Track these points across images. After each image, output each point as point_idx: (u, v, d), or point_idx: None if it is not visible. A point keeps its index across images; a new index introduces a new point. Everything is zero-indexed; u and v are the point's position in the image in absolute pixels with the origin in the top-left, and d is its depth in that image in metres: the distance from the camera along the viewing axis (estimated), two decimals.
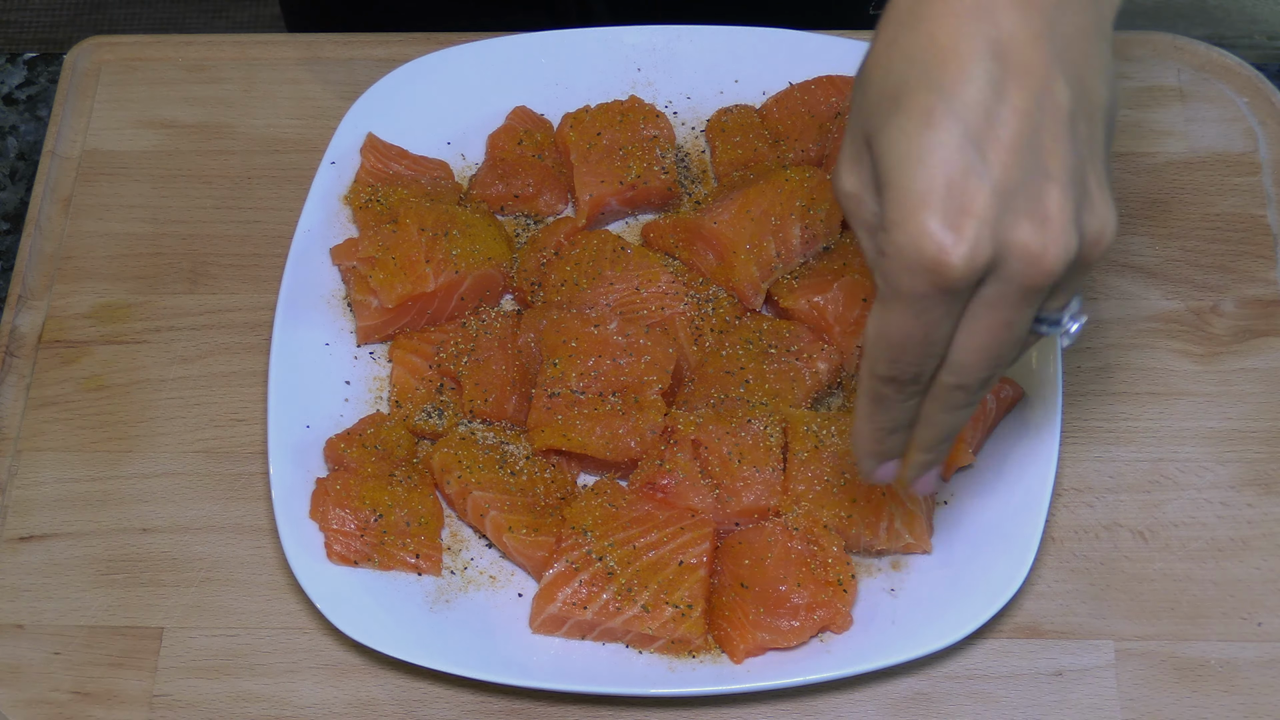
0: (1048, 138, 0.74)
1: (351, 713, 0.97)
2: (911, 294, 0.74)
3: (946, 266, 0.73)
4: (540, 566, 0.97)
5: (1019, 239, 0.74)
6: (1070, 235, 0.74)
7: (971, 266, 0.73)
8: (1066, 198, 0.74)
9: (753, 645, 0.94)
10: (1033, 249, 0.74)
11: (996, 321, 0.76)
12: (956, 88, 0.74)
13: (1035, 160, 0.74)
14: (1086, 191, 0.76)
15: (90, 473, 1.04)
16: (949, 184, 0.73)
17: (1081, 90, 0.76)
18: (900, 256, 0.74)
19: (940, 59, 0.74)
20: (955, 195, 0.73)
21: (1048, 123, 0.74)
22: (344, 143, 1.11)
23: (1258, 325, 1.07)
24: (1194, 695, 0.96)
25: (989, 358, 0.78)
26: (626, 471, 1.00)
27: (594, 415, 0.99)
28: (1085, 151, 0.76)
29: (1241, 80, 1.16)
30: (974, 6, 0.74)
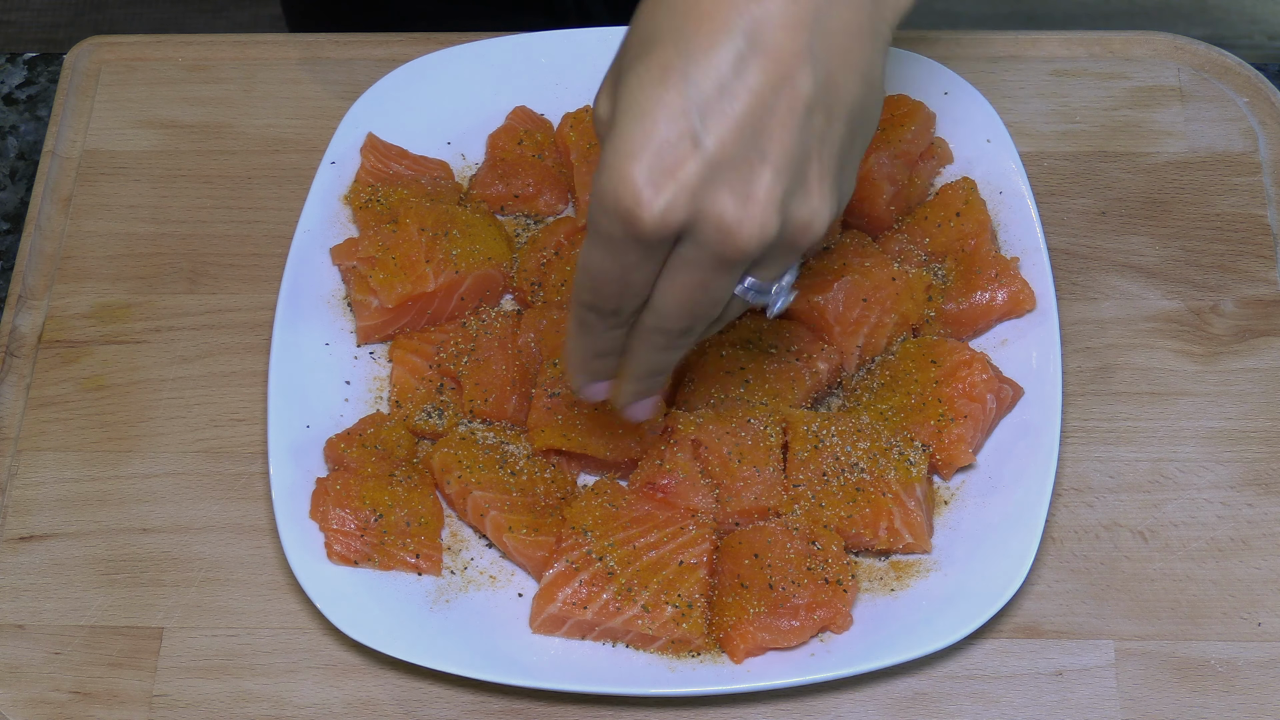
0: (775, 122, 0.77)
1: (351, 713, 0.97)
2: (607, 235, 0.78)
3: (637, 219, 0.76)
4: (540, 566, 0.97)
5: (715, 210, 0.77)
6: (770, 217, 0.77)
7: (662, 224, 0.76)
8: (777, 182, 0.77)
9: (753, 645, 0.94)
10: (728, 222, 0.77)
11: (692, 280, 0.80)
12: (700, 54, 0.76)
13: (755, 141, 0.76)
14: (804, 180, 0.78)
15: (90, 473, 1.04)
16: (663, 143, 0.76)
17: (829, 84, 0.78)
18: (601, 198, 0.77)
19: (696, 21, 0.76)
20: (665, 154, 0.76)
21: (780, 108, 0.77)
22: (344, 143, 1.11)
23: (1258, 325, 1.07)
24: (1194, 695, 0.96)
25: (685, 311, 0.81)
26: (626, 472, 1.00)
27: (594, 415, 0.98)
28: (814, 143, 0.78)
29: (1241, 80, 1.16)
30: None
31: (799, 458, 0.98)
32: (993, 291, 1.04)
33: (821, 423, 0.99)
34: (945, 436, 0.99)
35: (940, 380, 1.00)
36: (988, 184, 1.09)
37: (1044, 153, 1.14)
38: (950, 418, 0.99)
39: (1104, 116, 1.15)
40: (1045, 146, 1.14)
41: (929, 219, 1.06)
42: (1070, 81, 1.17)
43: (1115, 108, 1.16)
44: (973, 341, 1.05)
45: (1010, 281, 1.03)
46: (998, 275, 1.04)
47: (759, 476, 0.97)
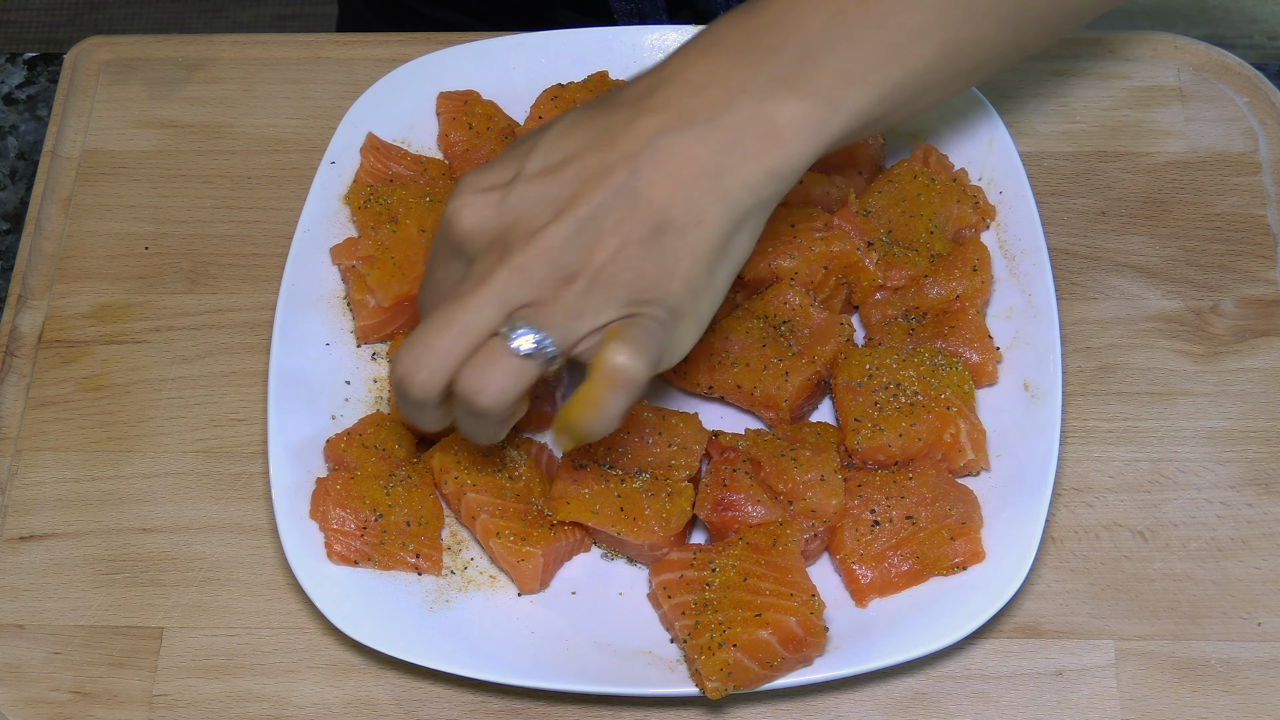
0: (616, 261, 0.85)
1: (351, 713, 0.97)
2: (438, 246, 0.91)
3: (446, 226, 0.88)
4: (523, 576, 0.97)
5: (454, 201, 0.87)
6: (489, 208, 0.86)
7: (447, 223, 0.88)
8: (517, 184, 0.86)
9: (885, 581, 0.96)
10: (451, 207, 0.87)
11: (453, 293, 0.88)
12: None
13: (553, 191, 0.86)
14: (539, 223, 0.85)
15: (90, 473, 1.04)
16: (497, 176, 0.88)
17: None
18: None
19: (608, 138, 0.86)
20: (491, 179, 0.87)
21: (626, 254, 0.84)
22: (344, 143, 1.11)
23: (1258, 325, 1.07)
24: (1194, 695, 0.96)
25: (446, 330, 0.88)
26: (648, 556, 0.99)
27: (623, 493, 0.97)
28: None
29: (1241, 80, 1.16)
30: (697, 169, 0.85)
31: (854, 385, 0.99)
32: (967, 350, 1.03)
33: (871, 356, 1.00)
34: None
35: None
36: (988, 184, 1.09)
37: (1044, 153, 1.14)
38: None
39: (1104, 116, 1.15)
40: (1045, 146, 1.14)
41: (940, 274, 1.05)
42: (1070, 81, 1.17)
43: (1115, 108, 1.16)
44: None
45: (983, 349, 1.03)
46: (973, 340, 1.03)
47: (822, 483, 0.97)
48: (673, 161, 0.84)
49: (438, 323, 0.86)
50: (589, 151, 0.85)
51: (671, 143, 0.84)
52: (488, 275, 0.85)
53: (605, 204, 0.84)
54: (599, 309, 0.85)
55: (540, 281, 0.84)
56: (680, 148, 0.85)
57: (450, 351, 0.85)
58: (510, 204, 0.85)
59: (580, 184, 0.85)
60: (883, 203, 1.08)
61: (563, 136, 0.87)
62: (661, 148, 0.84)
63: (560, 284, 0.85)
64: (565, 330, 0.85)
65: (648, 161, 0.84)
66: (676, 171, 0.84)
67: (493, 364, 0.85)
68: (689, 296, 0.86)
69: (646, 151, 0.84)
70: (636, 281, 0.85)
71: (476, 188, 0.87)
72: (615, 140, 0.85)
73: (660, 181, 0.84)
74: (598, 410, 0.85)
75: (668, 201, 0.84)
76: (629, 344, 0.84)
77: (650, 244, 0.84)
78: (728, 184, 0.85)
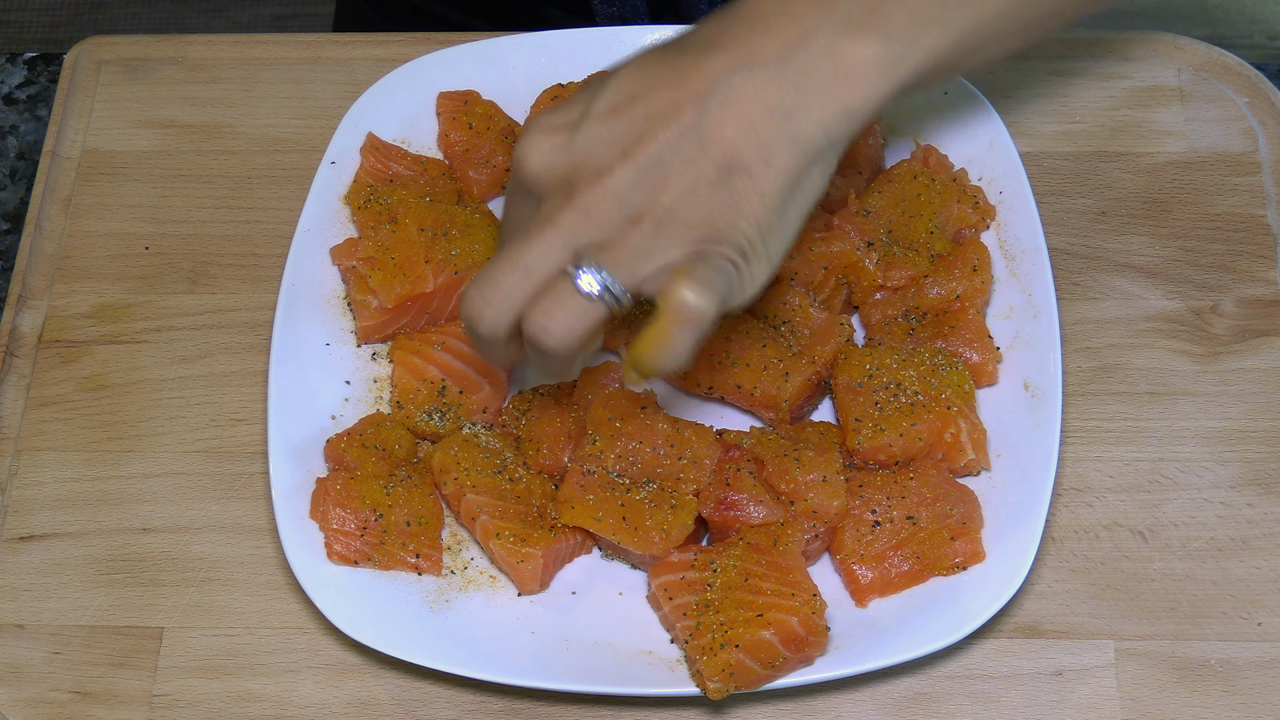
0: (686, 196, 0.84)
1: (351, 713, 0.97)
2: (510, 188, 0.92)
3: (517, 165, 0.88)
4: (522, 577, 0.97)
5: (525, 143, 0.87)
6: (558, 150, 0.85)
7: (518, 164, 0.88)
8: (585, 127, 0.85)
9: (886, 581, 0.96)
10: (520, 149, 0.87)
11: (525, 227, 0.88)
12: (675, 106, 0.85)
13: (623, 130, 0.85)
14: (610, 165, 0.84)
15: (90, 473, 1.04)
16: (565, 116, 0.87)
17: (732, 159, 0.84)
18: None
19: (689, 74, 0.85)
20: (558, 120, 0.86)
21: (706, 189, 0.84)
22: (344, 143, 1.11)
23: (1258, 325, 1.07)
24: (1194, 695, 0.96)
25: (518, 270, 0.88)
26: (644, 561, 0.99)
27: (627, 502, 0.97)
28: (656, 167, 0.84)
29: (1241, 80, 1.16)
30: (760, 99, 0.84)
31: (855, 385, 0.99)
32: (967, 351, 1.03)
33: (871, 356, 1.00)
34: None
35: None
36: (988, 184, 1.09)
37: (1044, 153, 1.14)
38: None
39: (1104, 116, 1.15)
40: (1045, 146, 1.14)
41: (940, 274, 1.05)
42: (1070, 81, 1.17)
43: (1115, 108, 1.16)
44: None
45: (983, 349, 1.03)
46: (973, 339, 1.03)
47: (824, 483, 0.97)
48: (742, 100, 0.83)
49: (505, 261, 0.86)
50: (657, 90, 0.84)
51: (741, 81, 0.83)
52: (554, 215, 0.85)
53: (673, 144, 0.84)
54: (666, 249, 0.84)
55: (607, 222, 0.84)
56: (750, 86, 0.83)
57: (516, 290, 0.85)
58: (577, 144, 0.85)
59: (647, 123, 0.84)
60: (883, 203, 1.08)
61: (631, 76, 0.86)
62: (731, 86, 0.83)
63: (627, 224, 0.84)
64: (632, 270, 0.84)
65: (716, 100, 0.83)
66: (746, 111, 0.83)
67: (559, 304, 0.85)
68: (758, 236, 0.85)
69: (716, 90, 0.83)
70: (704, 222, 0.84)
71: (544, 128, 0.86)
72: (684, 79, 0.84)
73: (729, 121, 0.83)
74: (666, 347, 0.84)
75: (737, 141, 0.83)
76: (697, 281, 0.83)
77: (718, 184, 0.84)
78: (799, 123, 0.84)
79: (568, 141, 0.85)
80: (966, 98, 1.11)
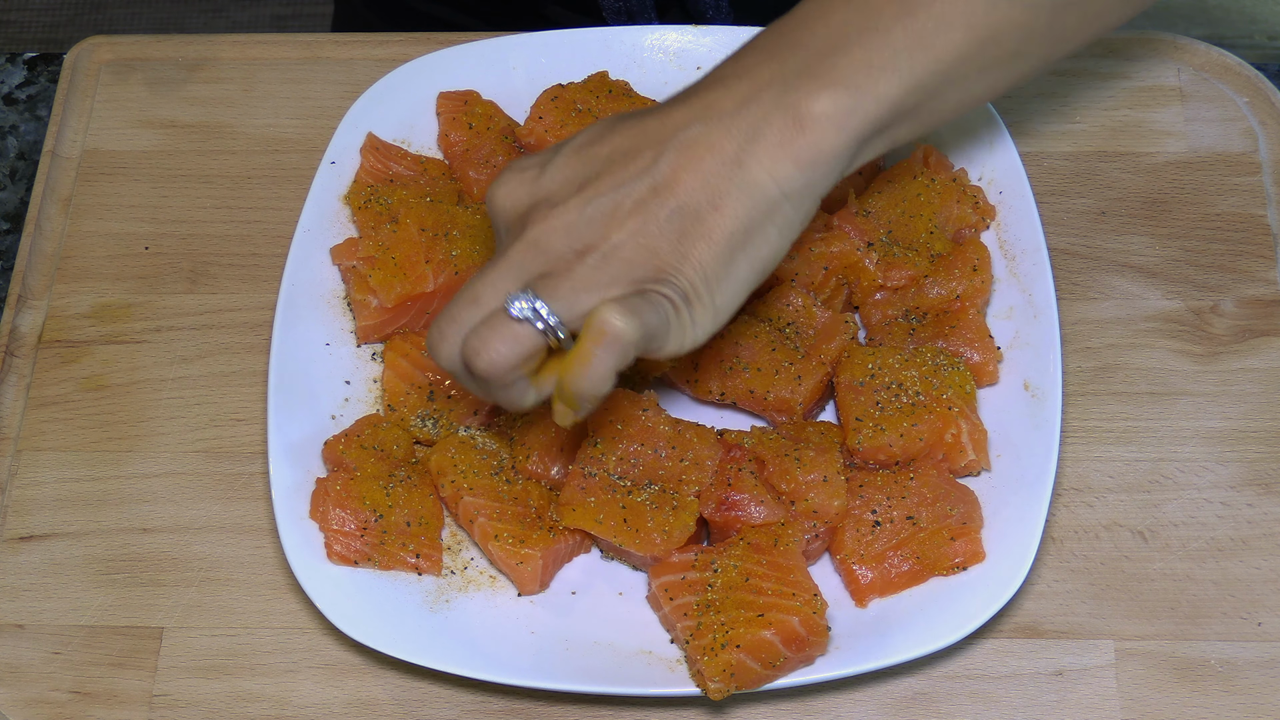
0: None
1: (351, 713, 0.97)
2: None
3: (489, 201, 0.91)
4: (522, 578, 0.97)
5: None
6: (520, 189, 0.89)
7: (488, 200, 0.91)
8: (554, 180, 0.88)
9: (885, 582, 0.96)
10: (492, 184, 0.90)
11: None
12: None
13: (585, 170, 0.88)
14: (576, 208, 0.87)
15: (90, 473, 1.04)
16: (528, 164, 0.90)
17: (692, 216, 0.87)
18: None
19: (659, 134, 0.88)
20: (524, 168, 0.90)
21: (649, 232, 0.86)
22: (344, 143, 1.11)
23: (1258, 325, 1.07)
24: (1194, 695, 0.96)
25: (467, 301, 0.90)
26: (644, 562, 0.99)
27: (629, 504, 0.96)
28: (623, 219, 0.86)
29: (1241, 80, 1.16)
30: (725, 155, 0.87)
31: (857, 385, 0.99)
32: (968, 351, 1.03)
33: (873, 356, 1.00)
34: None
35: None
36: (988, 184, 1.09)
37: (1044, 153, 1.14)
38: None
39: (1104, 116, 1.15)
40: (1045, 146, 1.14)
41: (940, 273, 1.05)
42: (1070, 81, 1.17)
43: (1115, 108, 1.16)
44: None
45: (984, 349, 1.03)
46: (975, 340, 1.03)
47: (825, 483, 0.97)
48: (696, 148, 0.86)
49: (461, 296, 0.88)
50: (621, 137, 0.88)
51: (697, 132, 0.87)
52: (508, 249, 0.88)
53: (628, 184, 0.86)
54: (608, 283, 0.86)
55: (555, 253, 0.86)
56: (704, 136, 0.86)
57: (467, 321, 0.88)
58: (540, 183, 0.88)
59: (606, 164, 0.87)
60: (883, 203, 1.08)
61: (602, 129, 0.89)
62: (687, 136, 0.87)
63: (574, 257, 0.86)
64: (571, 302, 0.86)
65: (672, 148, 0.86)
66: (699, 158, 0.86)
67: (492, 329, 0.86)
68: (702, 282, 0.87)
69: (673, 139, 0.87)
70: (649, 261, 0.86)
71: (515, 168, 0.90)
72: (646, 130, 0.88)
73: (683, 167, 0.86)
74: (585, 368, 0.86)
75: (688, 186, 0.86)
76: (622, 305, 0.85)
77: (667, 226, 0.86)
78: (749, 171, 0.86)
79: (533, 180, 0.89)
80: None
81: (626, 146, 0.88)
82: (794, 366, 1.01)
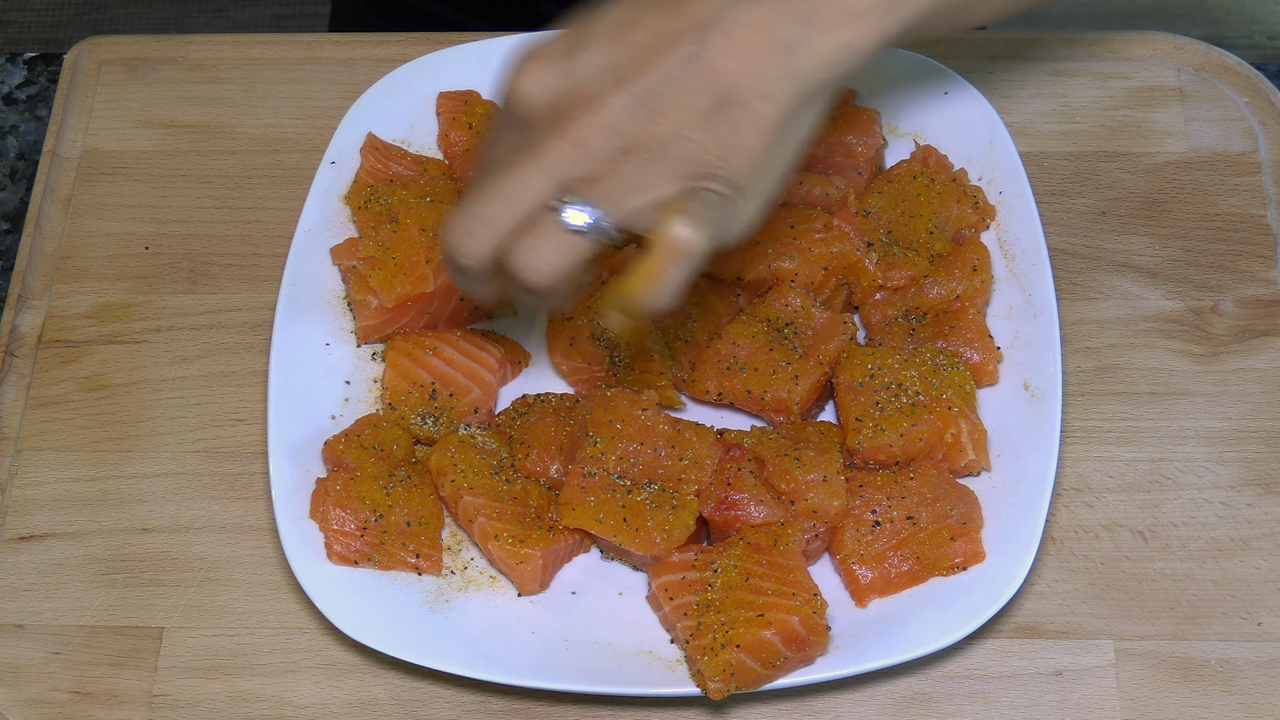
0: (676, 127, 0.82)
1: (351, 713, 0.97)
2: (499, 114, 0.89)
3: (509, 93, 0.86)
4: (521, 577, 0.97)
5: (518, 69, 0.84)
6: (550, 79, 0.83)
7: (508, 91, 0.85)
8: (582, 62, 0.82)
9: (885, 581, 0.96)
10: (512, 76, 0.84)
11: (509, 163, 0.85)
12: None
13: (619, 62, 0.82)
14: (608, 92, 0.82)
15: (90, 473, 1.04)
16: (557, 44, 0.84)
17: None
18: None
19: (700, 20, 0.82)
20: (552, 49, 0.84)
21: (690, 118, 0.82)
22: (344, 143, 1.11)
23: (1258, 325, 1.07)
24: (1194, 695, 0.96)
25: (503, 201, 0.86)
26: (644, 562, 0.99)
27: (628, 503, 0.96)
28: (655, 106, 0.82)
29: (1241, 80, 1.16)
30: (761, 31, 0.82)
31: (856, 385, 0.99)
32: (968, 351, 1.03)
33: (873, 356, 1.00)
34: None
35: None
36: (988, 184, 1.09)
37: (1044, 153, 1.14)
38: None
39: (1104, 116, 1.15)
40: (1045, 146, 1.14)
41: (940, 274, 1.05)
42: (1070, 81, 1.17)
43: (1115, 108, 1.16)
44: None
45: (983, 349, 1.03)
46: (974, 340, 1.03)
47: (825, 482, 0.97)
48: (743, 32, 0.82)
49: (488, 191, 0.84)
50: (656, 18, 0.82)
51: (743, 13, 0.82)
52: (543, 145, 0.83)
53: (669, 74, 0.81)
54: (657, 183, 0.83)
55: (597, 153, 0.82)
56: (752, 18, 0.82)
57: (500, 220, 0.84)
58: (572, 71, 0.82)
59: (644, 52, 0.82)
60: (883, 203, 1.08)
61: (631, 6, 0.83)
62: (732, 17, 0.82)
63: (618, 156, 0.82)
64: (621, 204, 0.83)
65: (716, 31, 0.81)
66: (747, 42, 0.82)
67: (544, 240, 0.83)
68: (751, 172, 0.84)
69: (716, 20, 0.82)
70: (697, 155, 0.82)
71: (539, 55, 0.83)
72: (683, 8, 0.82)
73: (729, 52, 0.81)
74: (657, 283, 0.83)
75: (736, 74, 0.82)
76: (690, 216, 0.82)
77: (714, 117, 0.82)
78: (800, 58, 0.83)
79: (564, 68, 0.83)
80: (967, 98, 1.11)
81: (665, 30, 0.82)
82: (791, 366, 1.01)
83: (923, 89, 1.12)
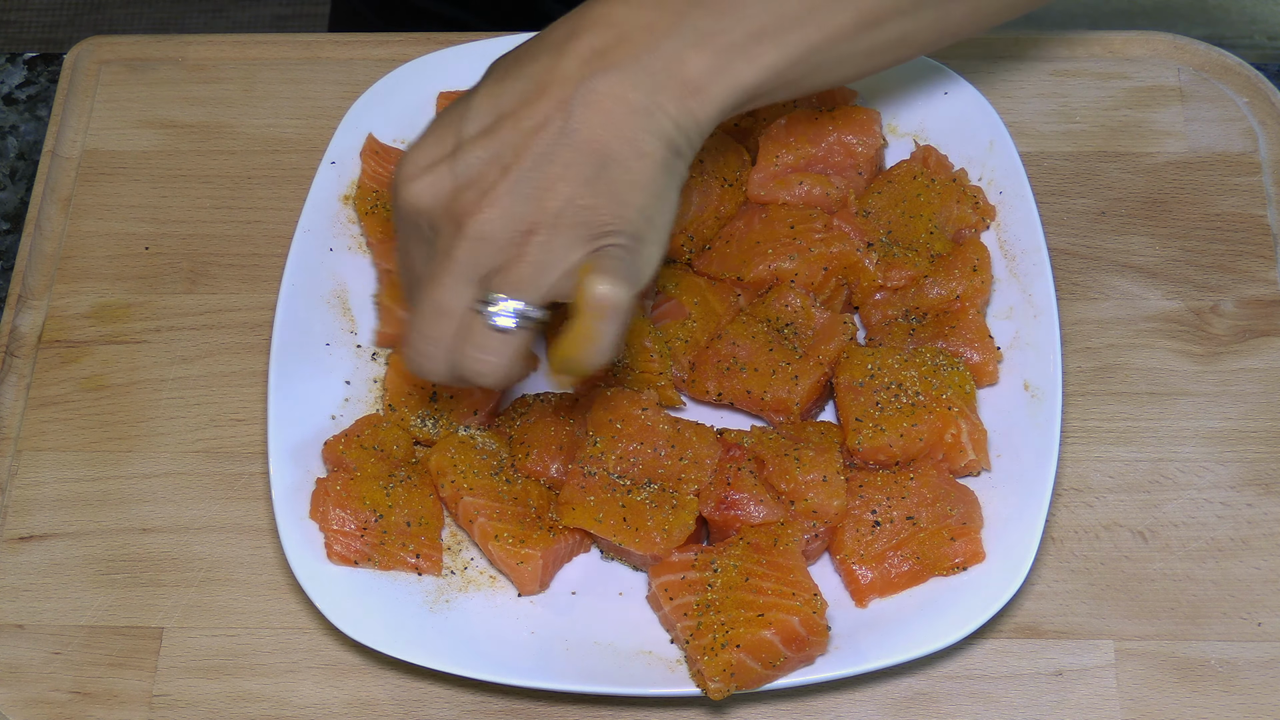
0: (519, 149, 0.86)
1: (351, 713, 0.97)
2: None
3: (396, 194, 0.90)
4: (522, 578, 0.97)
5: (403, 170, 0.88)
6: (439, 182, 0.86)
7: (397, 198, 0.89)
8: (463, 158, 0.86)
9: (885, 581, 0.96)
10: (399, 176, 0.88)
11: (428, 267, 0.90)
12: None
13: (499, 155, 0.86)
14: (494, 185, 0.86)
15: (90, 473, 1.04)
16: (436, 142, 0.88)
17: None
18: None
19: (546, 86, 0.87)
20: (434, 150, 0.88)
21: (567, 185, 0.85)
22: (344, 143, 1.11)
23: (1258, 325, 1.07)
24: (1194, 695, 0.96)
25: (430, 310, 0.89)
26: (644, 562, 0.99)
27: (628, 503, 0.96)
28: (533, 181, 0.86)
29: (1241, 80, 1.16)
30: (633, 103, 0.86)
31: (856, 385, 0.99)
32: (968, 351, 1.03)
33: (873, 356, 1.00)
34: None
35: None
36: (988, 184, 1.09)
37: (1044, 153, 1.14)
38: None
39: (1104, 116, 1.15)
40: (1045, 146, 1.14)
41: (940, 273, 1.05)
42: (1070, 81, 1.17)
43: (1115, 108, 1.16)
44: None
45: (983, 349, 1.03)
46: (974, 340, 1.03)
47: (824, 482, 0.97)
48: (602, 101, 0.86)
49: (423, 309, 0.88)
50: (521, 105, 0.87)
51: (599, 85, 0.86)
52: (451, 249, 0.87)
53: (547, 152, 0.86)
54: (564, 253, 0.86)
55: (502, 243, 0.86)
56: (609, 88, 0.86)
57: (441, 335, 0.88)
58: (457, 172, 0.87)
59: (520, 137, 0.86)
60: (883, 203, 1.08)
61: (492, 95, 0.88)
62: (589, 90, 0.86)
63: (522, 239, 0.86)
64: (539, 284, 0.87)
65: (579, 106, 0.86)
66: (608, 110, 0.86)
67: (483, 347, 0.88)
68: (644, 222, 0.88)
69: (576, 97, 0.86)
70: (593, 218, 0.86)
71: (420, 164, 0.88)
72: (544, 89, 0.87)
73: (595, 122, 0.86)
74: (592, 342, 0.87)
75: (606, 140, 0.86)
76: (605, 273, 0.86)
77: (597, 181, 0.86)
78: (657, 120, 0.87)
79: (448, 169, 0.87)
80: (966, 98, 1.11)
81: (531, 113, 0.86)
82: (791, 367, 1.01)
83: (923, 89, 1.12)
